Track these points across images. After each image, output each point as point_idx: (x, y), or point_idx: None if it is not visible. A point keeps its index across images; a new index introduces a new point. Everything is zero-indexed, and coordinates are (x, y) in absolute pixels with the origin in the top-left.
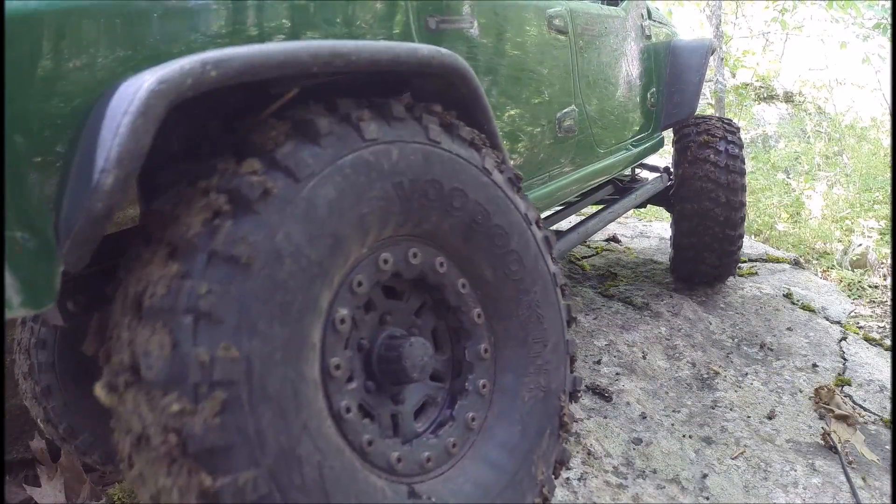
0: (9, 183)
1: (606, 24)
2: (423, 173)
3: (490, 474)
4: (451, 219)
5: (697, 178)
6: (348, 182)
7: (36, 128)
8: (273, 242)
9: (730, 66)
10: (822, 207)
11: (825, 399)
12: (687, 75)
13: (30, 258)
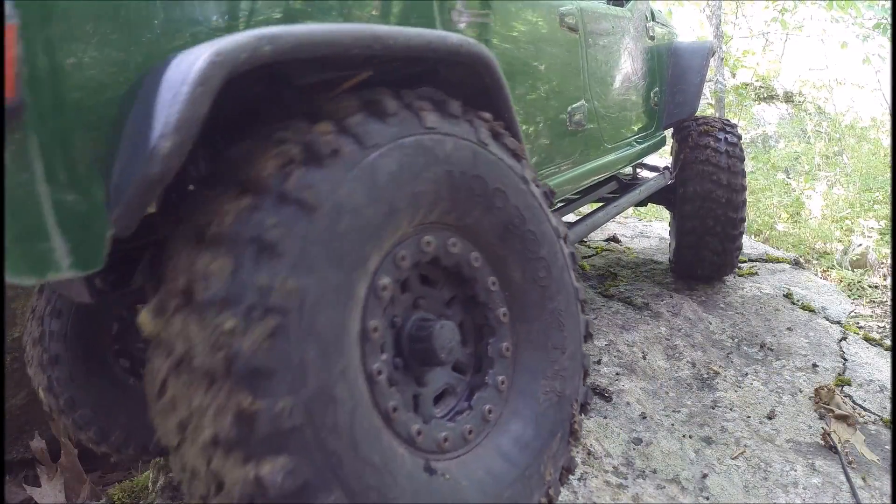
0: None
1: (613, 23)
2: (472, 168)
3: (502, 465)
4: (491, 217)
5: (699, 162)
6: (407, 160)
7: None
8: (336, 195)
9: (730, 66)
10: (822, 207)
11: (825, 399)
12: (689, 76)
13: (80, 221)
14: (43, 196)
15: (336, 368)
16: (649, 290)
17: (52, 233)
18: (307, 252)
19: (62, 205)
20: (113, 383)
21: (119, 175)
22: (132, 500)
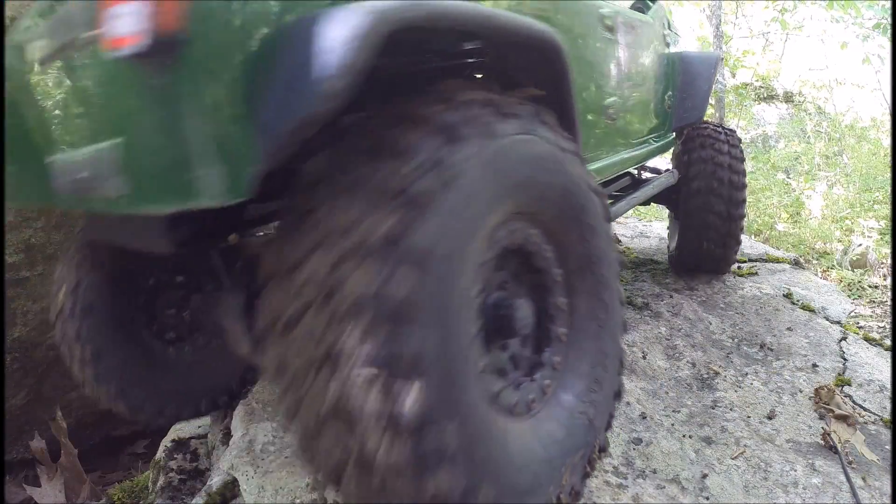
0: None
1: (640, 28)
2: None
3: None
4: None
5: (705, 161)
6: (517, 153)
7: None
8: (472, 164)
9: (730, 66)
10: (822, 207)
11: (825, 399)
12: (698, 83)
13: (231, 153)
14: (199, 127)
15: (461, 314)
16: (649, 290)
17: (205, 162)
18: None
19: (216, 136)
20: (144, 353)
21: (271, 113)
22: (132, 500)
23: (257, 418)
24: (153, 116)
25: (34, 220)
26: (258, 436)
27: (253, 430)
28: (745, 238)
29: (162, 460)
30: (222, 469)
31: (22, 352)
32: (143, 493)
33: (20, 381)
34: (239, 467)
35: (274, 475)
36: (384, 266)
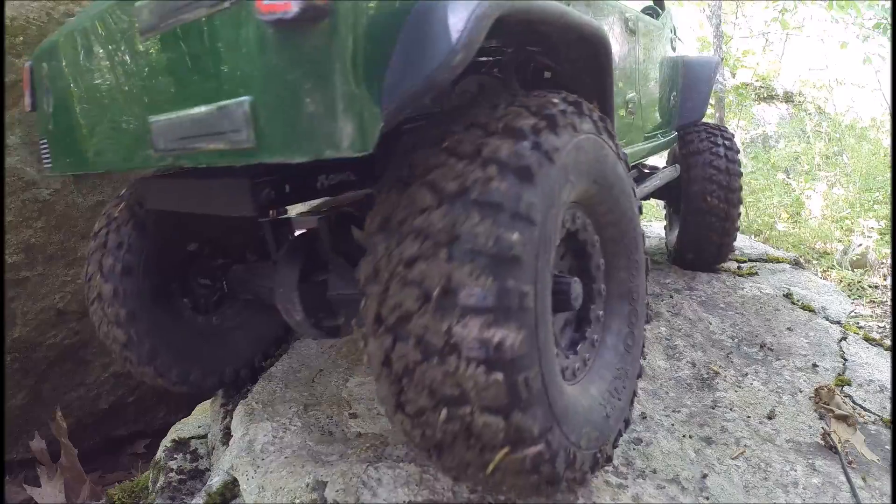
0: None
1: (654, 32)
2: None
3: None
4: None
5: (701, 152)
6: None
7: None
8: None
9: (730, 66)
10: (822, 207)
11: (825, 399)
12: (699, 85)
13: (361, 111)
14: (338, 86)
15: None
16: (649, 290)
17: (341, 117)
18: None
19: (351, 96)
20: (175, 319)
21: (396, 78)
22: (132, 500)
23: (257, 418)
24: (295, 75)
25: (34, 220)
26: (258, 436)
27: (253, 430)
28: (745, 238)
29: (162, 460)
30: (222, 469)
31: (22, 352)
32: (143, 493)
33: (20, 381)
34: (239, 467)
35: (274, 475)
36: (499, 221)
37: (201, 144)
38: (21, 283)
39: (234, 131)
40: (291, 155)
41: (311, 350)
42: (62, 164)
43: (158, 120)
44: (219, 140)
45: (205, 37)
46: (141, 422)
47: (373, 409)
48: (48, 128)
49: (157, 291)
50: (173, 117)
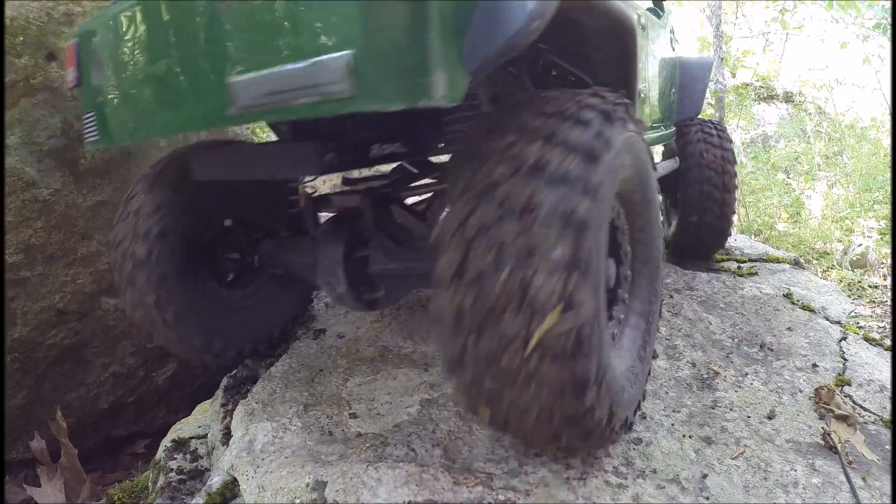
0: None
1: (658, 28)
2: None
3: None
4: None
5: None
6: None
7: None
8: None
9: (730, 66)
10: (822, 207)
11: (825, 399)
12: (695, 84)
13: (451, 66)
14: (432, 44)
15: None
16: None
17: (435, 71)
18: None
19: (444, 52)
20: (202, 288)
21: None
22: (132, 500)
23: (257, 418)
24: (395, 34)
25: (34, 220)
26: (258, 436)
27: (253, 430)
28: (745, 238)
29: (162, 460)
30: (222, 469)
31: (22, 352)
32: (143, 493)
33: (20, 381)
34: (239, 467)
35: (274, 475)
36: (572, 191)
37: (291, 98)
38: (21, 283)
39: (332, 83)
40: (389, 103)
41: (311, 350)
42: (114, 135)
43: (238, 80)
44: (312, 93)
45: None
46: (141, 422)
47: (373, 409)
48: (97, 101)
49: (187, 260)
50: (256, 76)
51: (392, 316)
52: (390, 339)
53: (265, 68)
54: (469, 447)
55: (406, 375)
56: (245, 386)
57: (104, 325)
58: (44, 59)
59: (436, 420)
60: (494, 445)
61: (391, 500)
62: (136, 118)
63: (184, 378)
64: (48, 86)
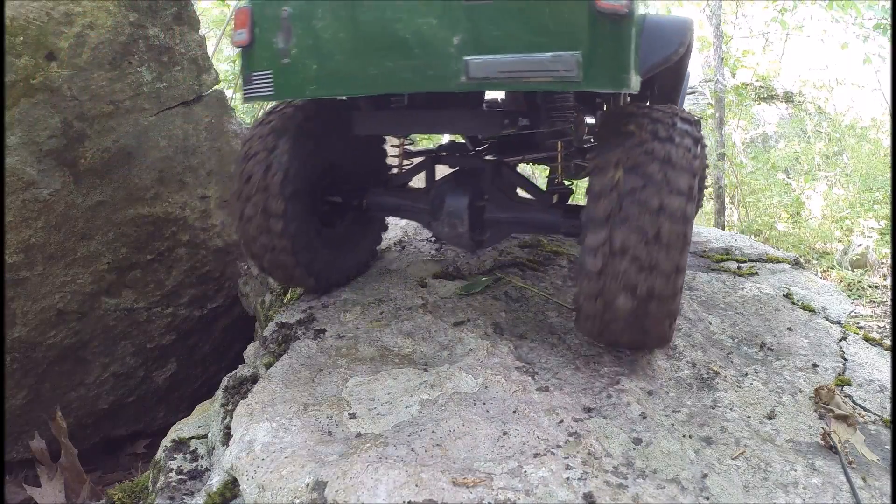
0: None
1: None
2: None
3: None
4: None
5: None
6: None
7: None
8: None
9: (730, 66)
10: (822, 207)
11: (825, 399)
12: None
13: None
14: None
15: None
16: None
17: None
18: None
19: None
20: (315, 228)
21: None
22: (132, 500)
23: (257, 418)
24: (611, 43)
25: (34, 220)
26: (258, 436)
27: (253, 430)
28: (745, 238)
29: (162, 460)
30: (222, 469)
31: (22, 352)
32: (143, 493)
33: (20, 381)
34: (239, 467)
35: (274, 475)
36: (687, 174)
37: (528, 77)
38: (21, 283)
39: (567, 70)
40: (604, 87)
41: (311, 350)
42: (298, 90)
43: (476, 58)
44: (550, 75)
45: (546, 11)
46: (141, 422)
47: (373, 409)
48: (281, 61)
49: (307, 196)
50: (492, 58)
51: (392, 316)
52: (390, 339)
53: (504, 53)
54: (469, 447)
55: (406, 375)
56: (245, 386)
57: (104, 325)
58: (44, 59)
59: (436, 420)
60: (494, 445)
61: (391, 500)
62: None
63: (184, 378)
64: (48, 86)
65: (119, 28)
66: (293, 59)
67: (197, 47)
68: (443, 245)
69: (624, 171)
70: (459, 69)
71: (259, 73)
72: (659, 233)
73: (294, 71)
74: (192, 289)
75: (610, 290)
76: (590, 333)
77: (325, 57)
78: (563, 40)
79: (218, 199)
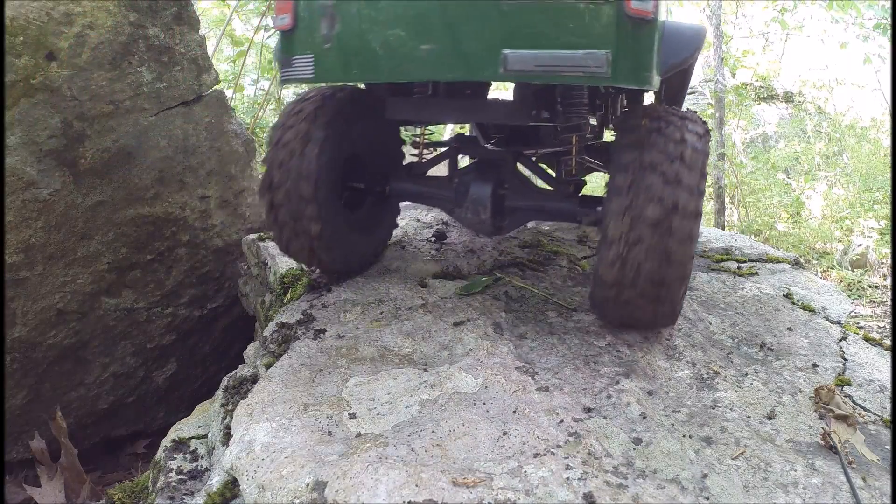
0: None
1: None
2: None
3: None
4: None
5: None
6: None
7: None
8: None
9: (730, 66)
10: (822, 207)
11: (825, 399)
12: None
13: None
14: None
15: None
16: None
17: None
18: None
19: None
20: (338, 207)
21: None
22: (132, 500)
23: (257, 418)
24: (637, 45)
25: (34, 220)
26: (258, 436)
27: (253, 430)
28: (745, 238)
29: (162, 460)
30: (222, 469)
31: (22, 352)
32: (143, 493)
33: (20, 381)
34: (239, 467)
35: (274, 475)
36: (696, 173)
37: (562, 71)
38: (21, 283)
39: (597, 67)
40: (629, 83)
41: (311, 350)
42: (338, 74)
43: (514, 52)
44: (579, 70)
45: (579, 10)
46: (141, 422)
47: (373, 409)
48: (324, 47)
49: (334, 183)
50: (529, 52)
51: (392, 316)
52: (390, 339)
53: (540, 49)
54: (469, 447)
55: (406, 375)
56: (245, 386)
57: (104, 325)
58: (44, 59)
59: (436, 420)
60: (494, 445)
61: (391, 500)
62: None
63: (184, 378)
64: (48, 86)
65: (119, 28)
66: (336, 44)
67: (197, 47)
68: (442, 245)
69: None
70: (498, 61)
71: (300, 57)
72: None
73: (336, 55)
74: (192, 289)
75: (632, 252)
76: (605, 303)
77: (367, 44)
78: (594, 39)
79: (218, 199)
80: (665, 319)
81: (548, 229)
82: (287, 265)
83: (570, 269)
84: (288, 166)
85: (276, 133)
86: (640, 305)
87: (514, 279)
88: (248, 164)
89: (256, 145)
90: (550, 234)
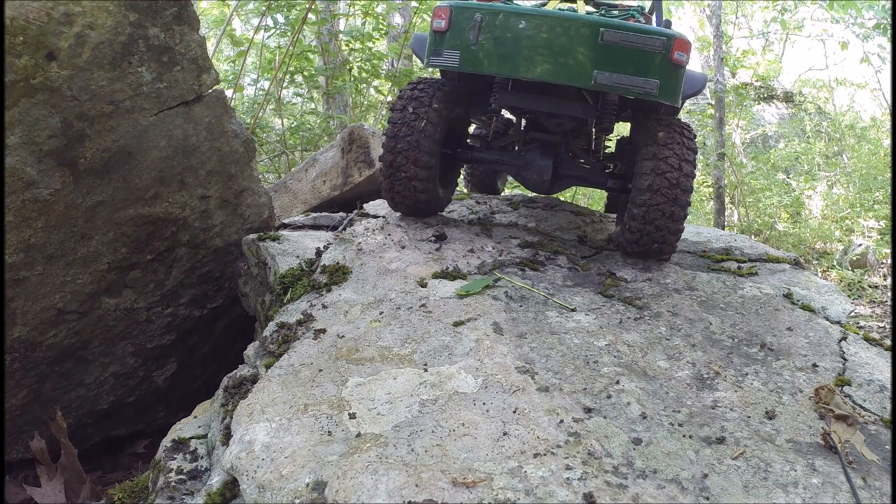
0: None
1: None
2: None
3: None
4: None
5: None
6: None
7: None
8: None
9: (730, 66)
10: (822, 207)
11: (825, 399)
12: None
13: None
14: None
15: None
16: (649, 291)
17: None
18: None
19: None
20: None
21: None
22: (132, 500)
23: (257, 418)
24: (675, 80)
25: (34, 220)
26: (258, 436)
27: (253, 430)
28: (745, 238)
29: (162, 460)
30: (222, 469)
31: (22, 352)
32: (143, 493)
33: (20, 381)
34: (239, 467)
35: (274, 475)
36: (692, 170)
37: (631, 89)
38: (21, 283)
39: (651, 88)
40: (667, 100)
41: (311, 350)
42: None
43: (602, 73)
44: (641, 90)
45: (644, 54)
46: (141, 422)
47: (373, 409)
48: (470, 46)
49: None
50: (613, 75)
51: (392, 316)
52: (390, 339)
53: (619, 73)
54: (469, 447)
55: (406, 375)
56: (245, 386)
57: (104, 324)
58: (44, 59)
59: (436, 420)
60: (494, 445)
61: (391, 500)
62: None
63: (184, 378)
64: (48, 86)
65: (119, 28)
66: (479, 46)
67: (197, 47)
68: (442, 245)
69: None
70: (590, 76)
71: (450, 51)
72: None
73: (478, 53)
74: (192, 289)
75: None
76: (630, 242)
77: (501, 48)
78: (650, 72)
79: (218, 199)
80: (667, 250)
81: (548, 229)
82: (287, 265)
83: (570, 269)
84: (407, 134)
85: (397, 111)
86: (651, 241)
87: (514, 279)
88: (248, 164)
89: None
90: (550, 234)
